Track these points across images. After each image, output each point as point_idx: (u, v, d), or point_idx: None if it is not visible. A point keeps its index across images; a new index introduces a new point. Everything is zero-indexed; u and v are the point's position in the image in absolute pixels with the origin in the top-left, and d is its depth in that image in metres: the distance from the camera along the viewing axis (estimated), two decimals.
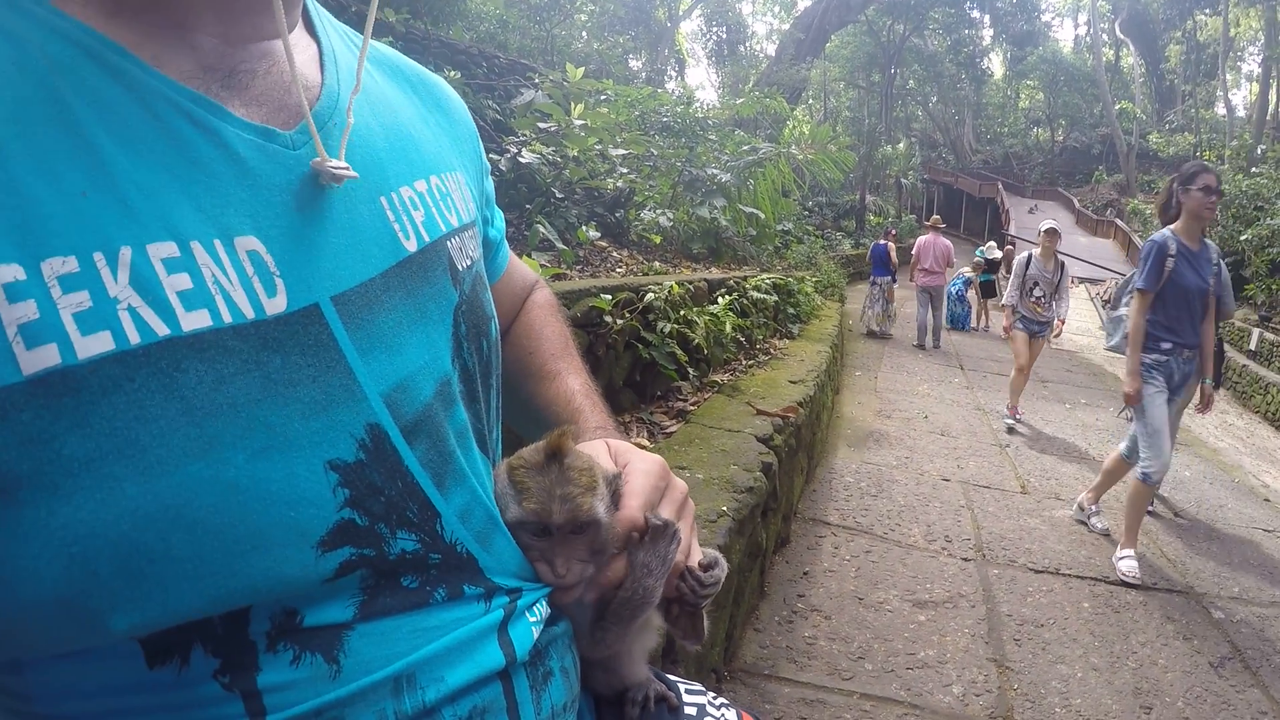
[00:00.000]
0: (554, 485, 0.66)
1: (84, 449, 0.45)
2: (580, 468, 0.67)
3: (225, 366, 0.50)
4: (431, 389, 0.63)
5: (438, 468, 0.62)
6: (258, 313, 0.53)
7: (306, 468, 0.53)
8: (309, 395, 0.54)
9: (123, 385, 0.46)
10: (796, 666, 2.86)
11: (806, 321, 7.52)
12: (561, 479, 0.66)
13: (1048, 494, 5.30)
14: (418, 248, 0.65)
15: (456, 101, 0.84)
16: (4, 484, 0.44)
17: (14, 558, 0.44)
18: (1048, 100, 49.39)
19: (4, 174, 0.45)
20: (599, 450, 0.77)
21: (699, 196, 7.68)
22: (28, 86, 0.48)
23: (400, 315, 0.62)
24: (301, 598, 0.53)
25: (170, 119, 0.52)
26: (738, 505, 2.43)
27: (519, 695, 0.63)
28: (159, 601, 0.48)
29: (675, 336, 3.81)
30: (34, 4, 0.50)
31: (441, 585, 0.61)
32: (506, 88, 8.89)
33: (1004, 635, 3.28)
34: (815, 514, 4.37)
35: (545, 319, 0.99)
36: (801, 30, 29.66)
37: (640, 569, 0.69)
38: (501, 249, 0.93)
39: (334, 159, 0.59)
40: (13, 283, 0.44)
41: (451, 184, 0.74)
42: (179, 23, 0.55)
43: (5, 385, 0.43)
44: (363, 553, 0.56)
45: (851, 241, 24.29)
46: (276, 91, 0.60)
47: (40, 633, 0.47)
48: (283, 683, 0.53)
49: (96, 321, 0.46)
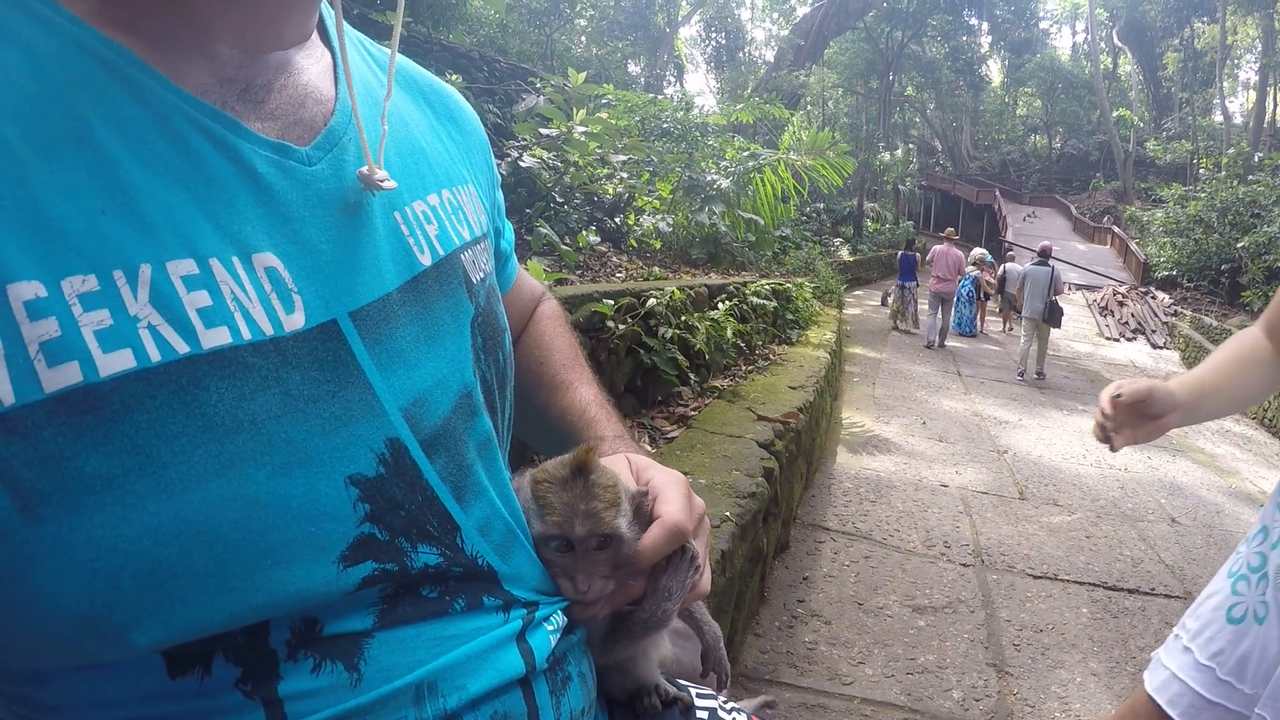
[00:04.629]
0: (578, 500, 0.66)
1: (106, 466, 0.45)
2: (605, 484, 0.67)
3: (245, 383, 0.51)
4: (450, 402, 0.63)
5: (457, 481, 0.62)
6: (277, 330, 0.53)
7: (327, 483, 0.53)
8: (329, 411, 0.54)
9: (144, 403, 0.47)
10: (797, 671, 2.87)
11: (806, 327, 7.53)
12: (586, 494, 0.66)
13: (1046, 500, 5.31)
14: (432, 262, 0.65)
15: (468, 112, 0.84)
16: (27, 501, 0.44)
17: (37, 574, 0.44)
18: (1045, 107, 49.48)
19: (23, 191, 0.45)
20: (620, 465, 0.78)
21: (698, 202, 7.70)
22: (45, 101, 0.48)
23: (417, 330, 0.62)
24: (323, 609, 0.54)
25: (188, 135, 0.52)
26: (740, 510, 2.44)
27: (539, 701, 0.63)
28: (180, 617, 0.48)
29: (676, 342, 3.82)
30: (52, 12, 0.50)
31: (461, 595, 0.61)
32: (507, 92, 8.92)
33: (1003, 640, 3.30)
34: (815, 519, 4.38)
35: (555, 330, 1.00)
36: (800, 36, 29.76)
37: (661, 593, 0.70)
38: (510, 261, 0.93)
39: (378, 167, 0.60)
40: (34, 300, 0.44)
41: (464, 197, 0.74)
42: (198, 32, 0.55)
43: (27, 403, 0.44)
44: (385, 568, 0.56)
45: (850, 248, 24.30)
46: (291, 105, 0.60)
47: (62, 647, 0.47)
48: (304, 691, 0.53)
49: (118, 339, 0.46)
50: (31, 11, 0.49)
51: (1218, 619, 1.29)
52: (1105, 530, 4.77)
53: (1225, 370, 1.38)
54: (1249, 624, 1.23)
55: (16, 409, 0.43)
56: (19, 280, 0.44)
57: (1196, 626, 1.32)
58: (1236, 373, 1.38)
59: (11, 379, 0.43)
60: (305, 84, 0.62)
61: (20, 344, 0.44)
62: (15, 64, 0.47)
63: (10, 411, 0.43)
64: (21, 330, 0.44)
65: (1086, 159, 47.78)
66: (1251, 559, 1.29)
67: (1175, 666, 1.31)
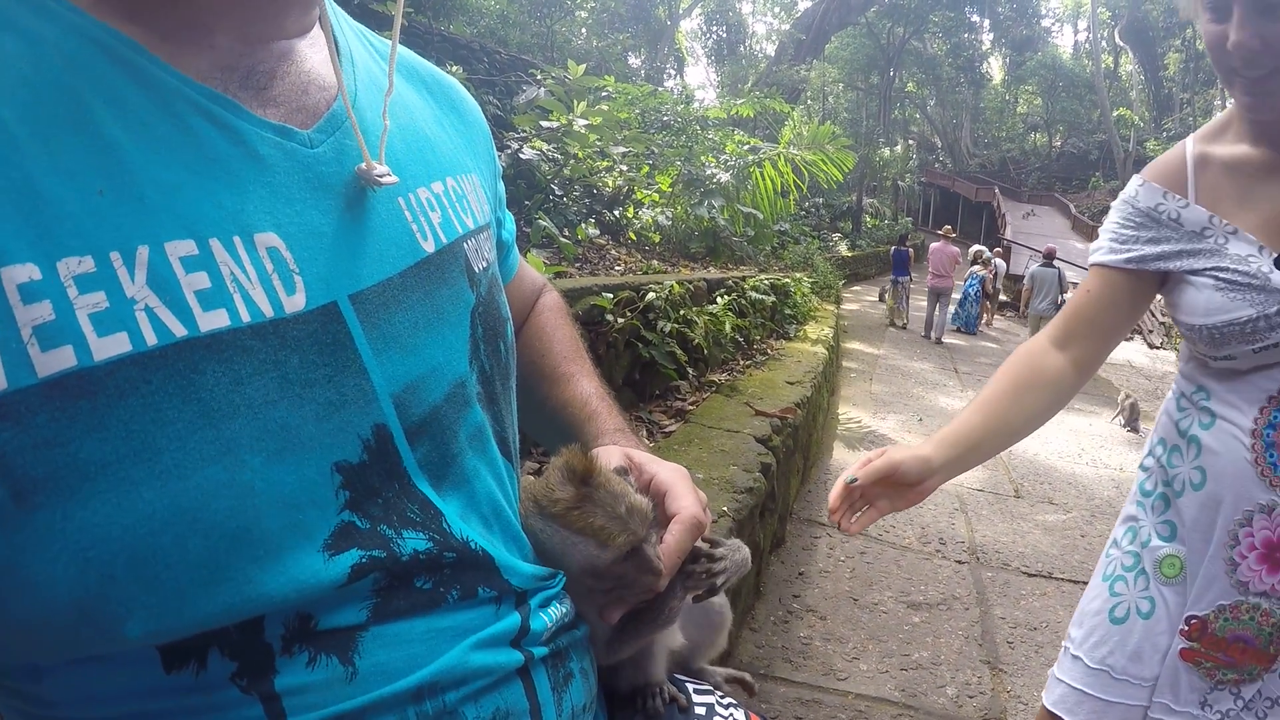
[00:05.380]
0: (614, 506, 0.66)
1: (100, 452, 0.45)
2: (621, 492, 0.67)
3: (243, 367, 0.50)
4: (443, 391, 0.62)
5: (438, 469, 0.62)
6: (277, 311, 0.52)
7: (316, 470, 0.53)
8: (324, 396, 0.54)
9: (139, 387, 0.46)
10: (792, 666, 2.88)
11: (804, 322, 7.53)
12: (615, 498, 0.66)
13: (1041, 498, 5.32)
14: (435, 249, 0.65)
15: (470, 103, 0.84)
16: (20, 488, 0.43)
17: (31, 562, 0.44)
18: (1046, 105, 49.52)
19: (19, 172, 0.45)
20: (614, 456, 0.78)
21: (698, 195, 7.68)
22: (43, 84, 0.47)
23: (417, 316, 0.62)
24: (316, 603, 0.53)
25: (188, 117, 0.52)
26: (738, 506, 2.44)
27: (541, 697, 0.63)
28: (174, 608, 0.47)
29: (675, 336, 3.82)
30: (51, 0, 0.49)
31: (455, 586, 0.60)
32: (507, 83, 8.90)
33: (997, 638, 3.31)
34: (810, 515, 4.39)
35: (556, 321, 1.00)
36: (801, 31, 29.67)
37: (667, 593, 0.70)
38: (512, 251, 0.93)
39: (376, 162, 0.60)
40: (28, 283, 0.44)
41: (467, 186, 0.74)
42: (198, 22, 0.54)
43: (20, 388, 0.43)
44: (372, 554, 0.55)
45: (848, 243, 24.32)
46: (294, 91, 0.60)
47: (55, 638, 0.47)
48: (300, 685, 0.53)
49: (113, 322, 0.46)
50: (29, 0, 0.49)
51: (1101, 622, 1.34)
52: (1100, 530, 4.78)
53: (998, 407, 1.29)
54: (1133, 620, 1.30)
55: (9, 394, 0.43)
56: (13, 263, 0.44)
57: (1081, 634, 1.36)
58: (1010, 406, 1.29)
59: (4, 363, 0.43)
60: (308, 71, 0.62)
61: (14, 328, 0.43)
62: (12, 49, 0.47)
63: (2, 396, 0.43)
64: (15, 314, 0.43)
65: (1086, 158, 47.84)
66: (1125, 560, 1.35)
67: (1069, 677, 1.35)
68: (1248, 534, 1.18)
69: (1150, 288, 1.29)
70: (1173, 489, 1.29)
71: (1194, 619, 1.23)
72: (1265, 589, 1.19)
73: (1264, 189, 1.20)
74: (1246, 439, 1.18)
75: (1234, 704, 1.23)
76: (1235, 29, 1.07)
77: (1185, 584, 1.26)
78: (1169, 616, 1.26)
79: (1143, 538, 1.33)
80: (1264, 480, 1.17)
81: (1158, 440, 1.37)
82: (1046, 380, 1.31)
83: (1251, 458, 1.18)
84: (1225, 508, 1.20)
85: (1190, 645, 1.24)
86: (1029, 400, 1.30)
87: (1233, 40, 1.08)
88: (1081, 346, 1.32)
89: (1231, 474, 1.19)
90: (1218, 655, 1.22)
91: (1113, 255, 1.29)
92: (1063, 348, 1.32)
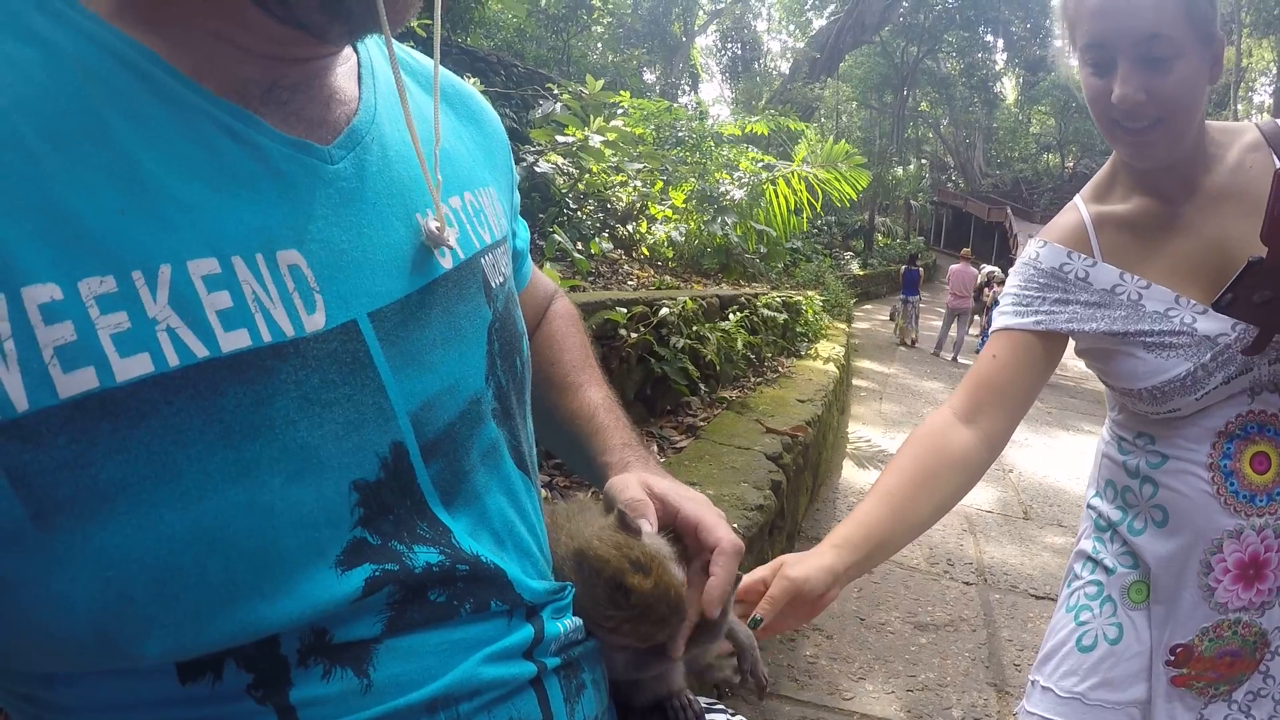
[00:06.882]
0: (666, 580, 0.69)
1: (121, 474, 0.44)
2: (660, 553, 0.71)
3: (264, 387, 0.50)
4: (458, 408, 0.62)
5: (449, 486, 0.62)
6: (297, 330, 0.52)
7: (334, 489, 0.53)
8: (343, 415, 0.54)
9: (161, 409, 0.46)
10: (798, 685, 2.88)
11: (815, 340, 7.53)
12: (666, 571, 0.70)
13: (1050, 520, 5.30)
14: (453, 265, 0.65)
15: (490, 114, 0.84)
16: (41, 509, 0.43)
17: (50, 582, 0.44)
18: (1059, 126, 49.36)
19: (40, 191, 0.44)
20: (632, 487, 0.79)
21: (711, 212, 7.71)
22: (63, 98, 0.46)
23: (435, 333, 0.61)
24: (331, 617, 0.53)
25: (209, 133, 0.51)
26: (748, 523, 2.45)
27: (554, 707, 0.64)
28: (192, 628, 0.48)
29: (688, 352, 3.84)
30: (69, 9, 0.48)
31: (469, 599, 0.60)
32: (524, 96, 8.94)
33: (1004, 660, 3.30)
34: (819, 533, 4.38)
35: (566, 330, 0.99)
36: (816, 49, 29.83)
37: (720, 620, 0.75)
38: (525, 261, 0.93)
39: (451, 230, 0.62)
40: (49, 303, 0.43)
41: (485, 199, 0.74)
42: (219, 36, 0.53)
43: (42, 408, 0.43)
44: (385, 568, 0.55)
45: (860, 262, 24.30)
46: (315, 106, 0.59)
47: (73, 654, 0.47)
48: (315, 697, 0.53)
49: (135, 343, 0.45)
50: (47, 8, 0.48)
51: (1070, 651, 1.33)
52: None
53: (903, 499, 1.16)
54: (1101, 646, 1.30)
55: (30, 415, 0.42)
56: (34, 283, 0.43)
57: (1050, 667, 1.36)
58: (916, 496, 1.17)
59: (25, 384, 0.42)
60: (329, 84, 0.61)
61: (35, 348, 0.43)
62: (31, 60, 0.46)
63: (23, 417, 0.42)
64: (36, 334, 0.43)
65: None
66: (1088, 589, 1.35)
67: (1040, 709, 1.34)
68: (1219, 560, 1.20)
69: (1058, 350, 1.28)
70: (1131, 528, 1.30)
71: (1179, 647, 1.24)
72: (1244, 604, 1.21)
73: (1164, 239, 1.21)
74: (1204, 473, 1.19)
75: (1229, 709, 1.26)
76: (1120, 83, 1.09)
77: (1149, 609, 1.28)
78: (1138, 640, 1.28)
79: (1107, 565, 1.33)
80: (1228, 508, 1.18)
81: (1105, 484, 1.37)
82: (953, 462, 1.20)
83: (1213, 490, 1.19)
84: (1195, 540, 1.21)
85: (1180, 672, 1.25)
86: (936, 487, 1.19)
87: (1117, 94, 1.09)
88: (990, 418, 1.23)
89: (1197, 507, 1.20)
90: (1209, 674, 1.24)
91: (1019, 319, 1.26)
92: (969, 421, 1.23)
